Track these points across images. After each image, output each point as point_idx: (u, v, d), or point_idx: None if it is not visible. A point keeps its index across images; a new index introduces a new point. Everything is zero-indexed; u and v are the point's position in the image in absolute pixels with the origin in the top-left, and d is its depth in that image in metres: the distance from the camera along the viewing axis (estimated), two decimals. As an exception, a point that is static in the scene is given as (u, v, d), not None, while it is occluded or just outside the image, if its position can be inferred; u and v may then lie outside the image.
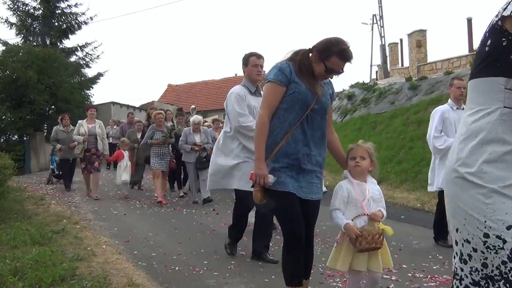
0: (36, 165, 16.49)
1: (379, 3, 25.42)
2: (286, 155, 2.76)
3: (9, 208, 6.70)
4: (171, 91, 30.86)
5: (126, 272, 3.88)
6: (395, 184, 8.93)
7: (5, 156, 6.94)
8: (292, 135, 2.76)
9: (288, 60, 2.85)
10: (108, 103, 19.31)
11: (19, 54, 16.89)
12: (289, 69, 2.78)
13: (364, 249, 2.75)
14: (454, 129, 4.86)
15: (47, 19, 20.01)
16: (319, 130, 2.86)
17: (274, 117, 2.80)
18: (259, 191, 2.75)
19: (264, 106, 2.81)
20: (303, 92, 2.76)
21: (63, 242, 4.89)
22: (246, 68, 4.42)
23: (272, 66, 2.86)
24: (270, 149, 2.76)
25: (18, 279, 3.40)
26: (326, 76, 2.82)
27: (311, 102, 2.77)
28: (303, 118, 2.77)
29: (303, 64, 2.80)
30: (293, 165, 2.76)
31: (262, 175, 2.71)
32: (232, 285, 3.72)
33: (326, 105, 2.88)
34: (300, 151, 2.77)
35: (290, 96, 2.77)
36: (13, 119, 16.13)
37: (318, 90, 2.78)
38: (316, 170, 2.86)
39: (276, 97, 2.78)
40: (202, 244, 5.14)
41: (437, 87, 13.49)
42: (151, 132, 8.31)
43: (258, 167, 2.72)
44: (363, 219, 2.81)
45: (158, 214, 7.27)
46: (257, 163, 2.74)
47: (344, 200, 2.83)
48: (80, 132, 8.82)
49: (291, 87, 2.77)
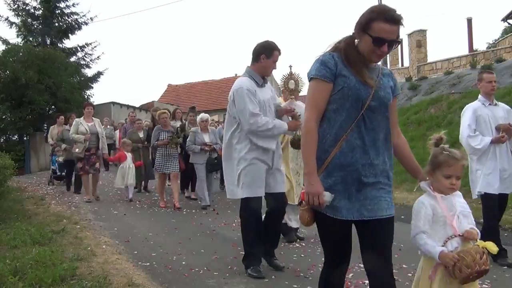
0: (36, 165, 16.50)
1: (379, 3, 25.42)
2: (341, 167, 2.22)
3: (9, 208, 6.71)
4: (171, 91, 30.85)
5: (126, 272, 3.89)
6: (395, 184, 8.92)
7: (5, 156, 6.94)
8: (347, 141, 2.22)
9: (331, 51, 2.34)
10: (108, 103, 19.32)
11: (19, 54, 16.91)
12: (333, 61, 2.26)
13: (468, 276, 2.15)
14: (489, 127, 4.52)
15: (47, 19, 20.03)
16: (380, 132, 2.29)
17: (322, 121, 2.29)
18: (307, 211, 2.28)
19: (310, 108, 2.29)
20: (353, 87, 2.23)
21: (63, 242, 4.89)
22: (265, 60, 3.97)
23: (314, 60, 2.36)
24: (320, 161, 2.24)
25: (18, 279, 3.40)
26: (377, 51, 2.22)
27: (366, 98, 2.23)
28: (358, 119, 2.23)
29: (349, 51, 2.28)
30: (351, 179, 2.22)
31: (316, 193, 2.17)
32: (232, 285, 3.72)
33: (387, 100, 2.31)
34: (359, 160, 2.22)
35: (339, 93, 2.25)
36: (13, 119, 16.15)
37: (371, 82, 2.26)
38: (381, 182, 2.27)
39: (322, 96, 2.27)
40: (202, 244, 5.14)
41: (437, 87, 13.51)
42: (157, 132, 7.86)
43: (310, 183, 2.20)
44: (455, 240, 2.25)
45: (158, 214, 7.27)
46: (308, 178, 2.21)
47: (429, 220, 2.28)
48: (80, 131, 8.33)
49: (338, 82, 2.25)
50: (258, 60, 3.99)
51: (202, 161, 7.78)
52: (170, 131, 7.86)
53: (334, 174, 2.23)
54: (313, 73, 2.30)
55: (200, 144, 7.78)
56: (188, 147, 7.86)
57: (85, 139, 8.25)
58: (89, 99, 19.54)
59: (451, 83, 13.85)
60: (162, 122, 7.92)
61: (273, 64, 4.02)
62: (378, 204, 2.24)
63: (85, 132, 8.29)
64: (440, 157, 2.34)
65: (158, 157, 7.85)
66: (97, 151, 8.55)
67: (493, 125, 4.55)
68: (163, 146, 7.74)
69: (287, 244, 5.09)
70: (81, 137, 8.25)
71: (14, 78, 15.82)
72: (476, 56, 16.20)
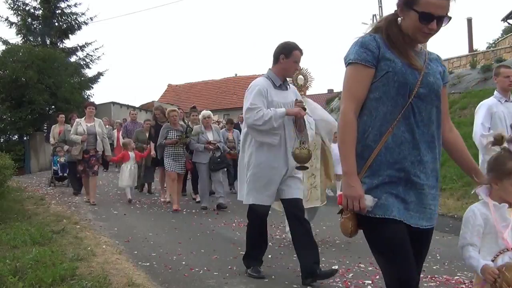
0: (36, 165, 16.50)
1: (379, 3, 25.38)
2: (388, 165, 1.92)
3: (9, 208, 6.70)
4: (171, 91, 30.87)
5: (126, 272, 3.88)
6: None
7: (5, 156, 6.95)
8: (393, 135, 1.92)
9: (371, 32, 2.05)
10: (108, 103, 19.33)
11: (19, 54, 16.92)
12: (375, 43, 1.97)
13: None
14: (504, 124, 4.32)
15: (47, 19, 20.04)
16: (431, 124, 1.98)
17: (362, 113, 1.99)
18: (349, 219, 1.94)
19: (348, 98, 1.98)
20: (399, 71, 1.93)
21: (63, 242, 4.89)
22: (284, 61, 3.76)
23: (352, 43, 2.05)
24: (362, 159, 1.94)
25: (18, 279, 3.39)
26: (425, 29, 1.93)
27: (414, 84, 1.93)
28: (406, 109, 1.93)
29: (391, 30, 1.99)
30: (398, 179, 1.92)
31: (356, 197, 1.88)
32: (232, 285, 3.72)
33: (437, 87, 2.01)
34: (408, 157, 1.92)
35: (382, 79, 1.95)
36: (13, 119, 16.16)
37: (419, 65, 1.97)
38: (430, 184, 1.97)
39: (363, 84, 1.96)
40: (202, 244, 5.14)
41: (437, 87, 13.51)
42: (165, 131, 7.50)
43: (349, 185, 1.90)
44: (507, 255, 2.00)
45: (158, 214, 7.27)
46: (346, 180, 1.91)
47: (479, 231, 2.03)
48: (78, 132, 8.02)
49: (382, 67, 1.95)
50: (278, 61, 3.81)
51: (205, 160, 7.54)
52: (180, 130, 7.58)
53: (379, 173, 1.92)
54: (352, 57, 1.98)
55: (204, 142, 7.55)
56: (192, 145, 7.62)
57: (82, 140, 7.93)
58: (89, 99, 19.55)
59: (451, 83, 13.83)
60: (172, 121, 7.57)
61: (294, 64, 3.82)
62: (423, 212, 1.96)
63: (83, 133, 7.99)
64: (510, 164, 2.02)
65: (167, 157, 7.52)
66: (96, 153, 8.16)
67: (508, 122, 4.37)
68: (171, 145, 7.47)
69: (287, 244, 5.08)
70: (78, 138, 7.97)
71: (14, 78, 15.83)
72: (476, 56, 16.21)
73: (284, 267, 4.20)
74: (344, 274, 3.92)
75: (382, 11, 25.39)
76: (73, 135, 8.10)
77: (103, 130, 8.49)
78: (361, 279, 3.78)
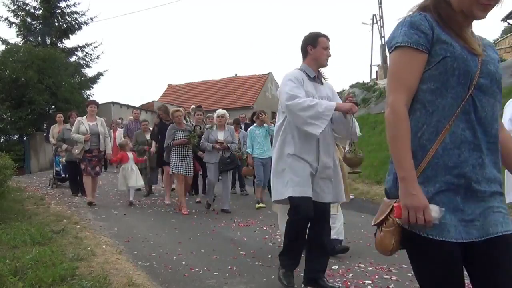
0: (36, 165, 16.50)
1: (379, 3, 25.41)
2: (446, 170, 1.60)
3: (9, 208, 6.70)
4: (171, 91, 30.84)
5: (126, 272, 3.89)
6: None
7: (5, 156, 6.94)
8: (451, 133, 1.61)
9: (419, 10, 1.71)
10: (108, 103, 19.31)
11: (19, 54, 16.94)
12: (427, 23, 1.64)
13: None
14: None
15: (47, 19, 20.06)
16: (494, 122, 1.66)
17: (413, 108, 1.67)
18: (392, 234, 1.62)
19: (396, 88, 1.65)
20: (460, 56, 1.61)
21: (63, 242, 4.89)
22: (313, 50, 3.56)
23: (397, 24, 1.72)
24: (415, 160, 1.62)
25: (18, 279, 3.40)
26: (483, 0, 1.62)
27: (475, 73, 1.62)
28: (465, 103, 1.61)
29: (442, 8, 1.67)
30: (457, 187, 1.59)
31: (420, 207, 1.54)
32: (232, 285, 3.72)
33: (499, 77, 1.70)
34: (468, 160, 1.60)
35: (439, 67, 1.62)
36: (13, 119, 16.16)
37: (479, 49, 1.66)
38: (494, 191, 1.64)
39: (414, 71, 1.64)
40: (202, 244, 5.14)
41: (437, 87, 13.54)
42: (172, 131, 7.26)
43: (409, 194, 1.56)
44: None
45: (158, 214, 7.27)
46: (406, 186, 1.57)
47: None
48: (80, 131, 7.85)
49: (437, 51, 1.63)
50: (307, 54, 3.60)
51: (214, 160, 7.31)
52: (187, 130, 7.38)
53: (435, 180, 1.59)
54: (400, 40, 1.65)
55: (213, 142, 7.31)
56: (202, 145, 7.41)
57: (85, 139, 7.78)
58: (88, 99, 19.54)
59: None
60: (177, 121, 7.35)
61: (324, 51, 3.56)
62: (489, 218, 1.61)
63: (85, 132, 7.84)
64: None
65: (174, 158, 7.28)
66: (99, 153, 8.01)
67: None
68: (178, 147, 7.24)
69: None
70: (81, 137, 7.80)
71: (14, 78, 15.84)
72: (476, 56, 16.18)
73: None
74: (344, 274, 3.92)
75: (382, 11, 25.42)
76: (75, 134, 7.92)
77: (105, 129, 8.33)
78: (361, 279, 3.78)
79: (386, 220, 1.63)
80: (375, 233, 1.71)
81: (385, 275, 3.88)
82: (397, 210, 1.59)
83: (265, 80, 27.33)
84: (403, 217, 1.58)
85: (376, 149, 10.75)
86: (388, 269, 4.03)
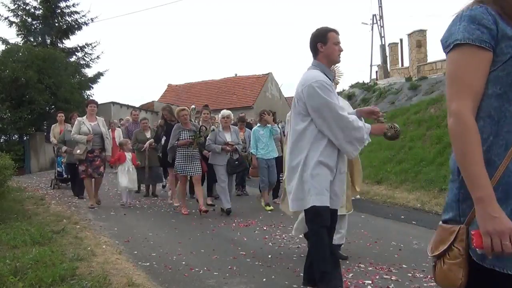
0: (36, 165, 16.50)
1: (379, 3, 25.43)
2: None
3: (9, 208, 6.71)
4: (171, 91, 30.85)
5: (126, 272, 3.89)
6: (395, 184, 8.93)
7: (5, 156, 6.95)
8: None
9: (477, 2, 1.47)
10: (108, 103, 19.31)
11: (19, 54, 16.94)
12: (490, 18, 1.41)
13: None
14: None
15: (47, 19, 20.07)
16: None
17: (476, 115, 1.43)
18: (460, 267, 1.39)
19: (459, 94, 1.42)
20: None
21: (63, 242, 4.90)
22: (324, 47, 3.38)
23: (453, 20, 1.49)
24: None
25: (18, 279, 3.40)
26: None
27: None
28: None
29: (505, 0, 1.45)
30: None
31: (506, 231, 1.30)
32: (232, 285, 3.73)
33: None
34: None
35: (507, 67, 1.40)
36: (13, 119, 16.16)
37: None
38: None
39: (479, 73, 1.41)
40: (202, 244, 5.14)
41: (437, 87, 13.49)
42: (177, 131, 7.08)
43: (490, 217, 1.32)
44: None
45: (158, 214, 7.27)
46: (484, 207, 1.33)
47: None
48: (82, 131, 7.66)
49: (503, 49, 1.40)
50: (317, 52, 3.42)
51: (223, 162, 7.13)
52: (192, 130, 7.15)
53: (508, 202, 1.35)
54: (460, 37, 1.42)
55: (221, 143, 7.15)
56: (208, 147, 7.20)
57: (88, 140, 7.60)
58: (88, 99, 19.54)
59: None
60: (183, 121, 7.15)
61: (335, 46, 3.40)
62: None
63: (88, 133, 7.66)
64: None
65: (178, 158, 7.09)
66: (101, 153, 7.84)
67: None
68: (183, 146, 7.06)
69: (287, 244, 5.09)
70: (83, 138, 7.61)
71: (14, 78, 15.84)
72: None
73: (284, 267, 4.21)
74: (344, 274, 3.91)
75: (382, 11, 25.44)
76: (76, 134, 7.74)
77: (106, 129, 8.21)
78: (361, 279, 3.79)
79: (450, 251, 1.39)
80: (434, 265, 1.46)
81: (385, 275, 3.88)
82: (477, 238, 1.33)
83: (265, 80, 27.33)
84: (485, 246, 1.31)
85: (376, 149, 10.75)
86: (388, 269, 4.03)
